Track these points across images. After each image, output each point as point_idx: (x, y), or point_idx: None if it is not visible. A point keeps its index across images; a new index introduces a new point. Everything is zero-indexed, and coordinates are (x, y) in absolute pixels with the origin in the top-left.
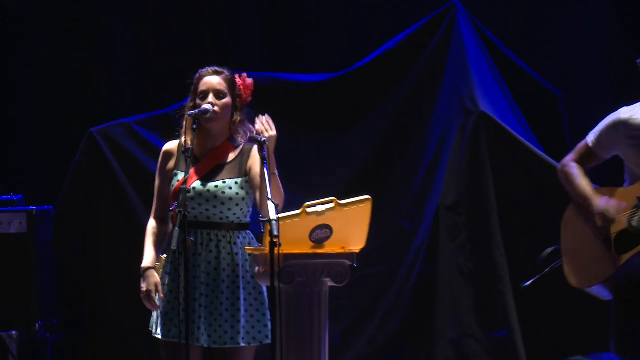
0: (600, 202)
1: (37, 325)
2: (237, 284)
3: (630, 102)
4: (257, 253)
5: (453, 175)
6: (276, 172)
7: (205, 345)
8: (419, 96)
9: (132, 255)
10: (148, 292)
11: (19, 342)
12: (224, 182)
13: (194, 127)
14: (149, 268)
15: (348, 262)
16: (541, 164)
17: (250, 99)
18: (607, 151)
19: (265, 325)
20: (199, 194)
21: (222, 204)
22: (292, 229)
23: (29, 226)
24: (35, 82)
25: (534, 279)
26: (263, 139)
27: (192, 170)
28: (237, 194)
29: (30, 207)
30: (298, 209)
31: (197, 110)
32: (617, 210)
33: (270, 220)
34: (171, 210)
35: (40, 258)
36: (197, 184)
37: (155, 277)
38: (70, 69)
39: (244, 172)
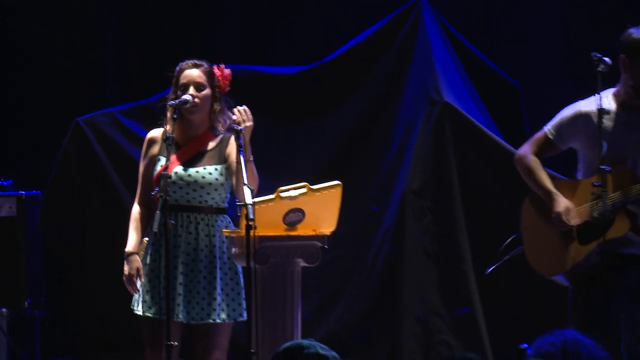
0: (561, 205)
1: (26, 303)
2: (214, 264)
3: (586, 94)
4: (234, 235)
5: (419, 162)
6: (252, 159)
7: (184, 321)
8: (387, 88)
9: (116, 238)
10: (130, 275)
11: (9, 319)
12: (205, 168)
13: (175, 116)
14: (132, 253)
15: (319, 244)
16: (502, 152)
17: (228, 88)
18: (565, 143)
19: (240, 304)
20: (180, 178)
21: (202, 188)
22: (267, 213)
23: (19, 210)
24: (25, 72)
25: (495, 265)
26: (239, 127)
27: (174, 157)
28: (216, 179)
29: (20, 192)
30: (272, 194)
31: (177, 101)
32: (574, 217)
33: (246, 205)
34: (153, 195)
35: (29, 240)
36: (178, 169)
37: (138, 261)
38: (58, 60)
39: (223, 160)
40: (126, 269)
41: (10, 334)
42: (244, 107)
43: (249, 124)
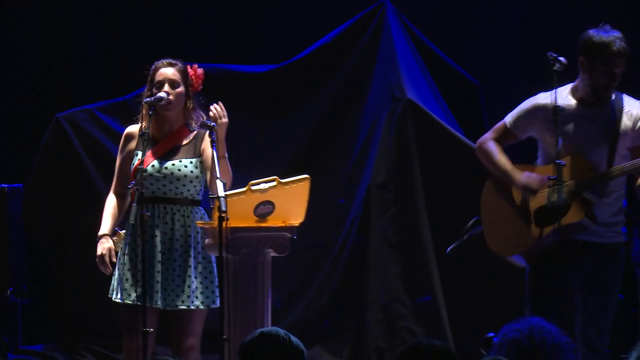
0: (523, 176)
1: (8, 291)
2: (189, 253)
3: (543, 91)
4: (207, 226)
5: (383, 156)
6: (226, 155)
7: (161, 307)
8: (353, 85)
9: (95, 228)
10: (102, 256)
11: None
12: (180, 162)
13: (150, 113)
14: (104, 235)
15: (289, 235)
16: (462, 146)
17: (201, 87)
18: (524, 132)
19: (213, 291)
20: (157, 171)
21: (178, 180)
22: (238, 205)
23: (1, 202)
24: (6, 69)
25: (455, 244)
26: (212, 124)
27: (150, 151)
28: (191, 172)
29: (2, 185)
30: (244, 187)
31: (152, 98)
32: (539, 183)
33: (218, 197)
34: (130, 188)
35: (11, 231)
36: (155, 163)
37: (110, 242)
38: (39, 58)
39: (198, 154)
40: (99, 249)
41: None
42: (219, 104)
43: (225, 120)
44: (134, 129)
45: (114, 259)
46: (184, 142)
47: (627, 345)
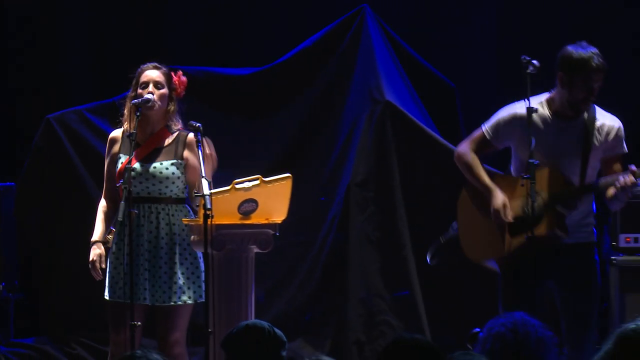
0: (500, 201)
1: (0, 286)
2: (174, 250)
3: (516, 93)
4: (193, 224)
5: (362, 156)
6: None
7: (149, 304)
8: (333, 87)
9: (84, 223)
10: (93, 262)
11: None
12: (161, 164)
13: (138, 114)
14: (96, 242)
15: (271, 232)
16: (439, 147)
17: (183, 93)
18: (501, 142)
19: (200, 286)
20: (140, 173)
21: (160, 182)
22: (223, 203)
23: None
24: None
25: (433, 247)
26: (198, 125)
27: (134, 154)
28: (172, 173)
29: None
30: (228, 186)
31: (139, 100)
32: (510, 212)
33: (204, 195)
34: (117, 187)
35: (3, 227)
36: (137, 165)
37: (101, 249)
38: (30, 62)
39: (179, 156)
40: (90, 255)
41: None
42: None
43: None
44: (116, 133)
45: (104, 265)
46: (165, 143)
47: (600, 338)
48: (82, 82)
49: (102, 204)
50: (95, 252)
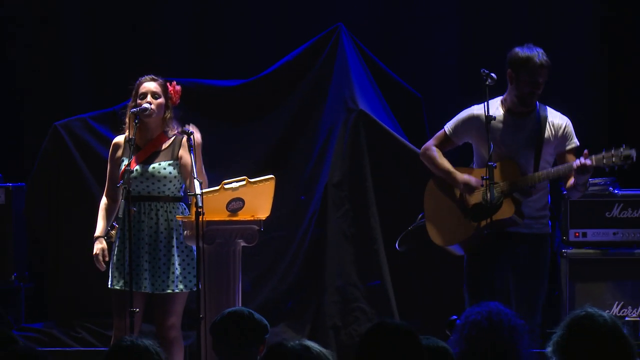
0: (464, 176)
1: (12, 276)
2: (172, 243)
3: (477, 103)
4: (186, 220)
5: (338, 159)
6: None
7: (149, 292)
8: (312, 97)
9: (87, 221)
10: (96, 255)
11: None
12: (159, 164)
13: (136, 122)
14: (98, 237)
15: (257, 227)
16: (406, 151)
17: (178, 101)
18: (461, 139)
19: (195, 276)
20: (140, 174)
21: (159, 181)
22: (213, 201)
23: (6, 199)
24: (8, 83)
25: (401, 235)
26: (190, 131)
27: (134, 157)
28: (170, 173)
29: (7, 184)
30: (217, 186)
31: (138, 109)
32: (476, 182)
33: (195, 195)
34: (118, 186)
35: (15, 224)
36: (138, 167)
37: (103, 243)
38: (38, 74)
39: (175, 157)
40: (94, 250)
41: (0, 303)
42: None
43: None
44: (119, 139)
45: (107, 258)
46: (163, 147)
47: (552, 323)
48: (84, 92)
49: (104, 201)
50: (98, 246)
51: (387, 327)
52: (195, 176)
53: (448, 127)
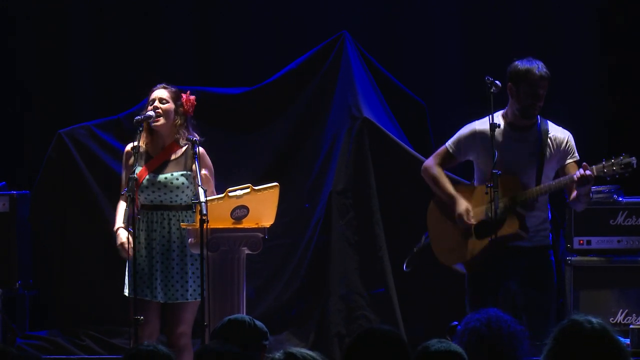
0: (463, 207)
1: (17, 284)
2: (185, 252)
3: (481, 111)
4: (190, 228)
5: (342, 167)
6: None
7: (161, 301)
8: (316, 105)
9: (91, 228)
10: (122, 244)
11: (3, 298)
12: (172, 175)
13: (140, 129)
14: (119, 228)
15: (261, 235)
16: (411, 158)
17: (191, 111)
18: (464, 156)
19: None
20: (152, 183)
21: (171, 191)
22: (217, 209)
23: (11, 206)
24: (13, 91)
25: (409, 256)
26: (195, 138)
27: (145, 166)
28: (182, 183)
29: (12, 191)
30: (222, 194)
31: (142, 116)
32: (473, 216)
33: (200, 202)
34: (122, 194)
35: (19, 231)
36: (150, 176)
37: (125, 233)
38: (42, 81)
39: (188, 167)
40: (117, 240)
41: (4, 311)
42: None
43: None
44: (131, 146)
45: (132, 245)
46: (173, 157)
47: None
48: (89, 99)
49: (121, 203)
50: (121, 236)
51: (374, 334)
52: (200, 184)
53: (450, 144)
